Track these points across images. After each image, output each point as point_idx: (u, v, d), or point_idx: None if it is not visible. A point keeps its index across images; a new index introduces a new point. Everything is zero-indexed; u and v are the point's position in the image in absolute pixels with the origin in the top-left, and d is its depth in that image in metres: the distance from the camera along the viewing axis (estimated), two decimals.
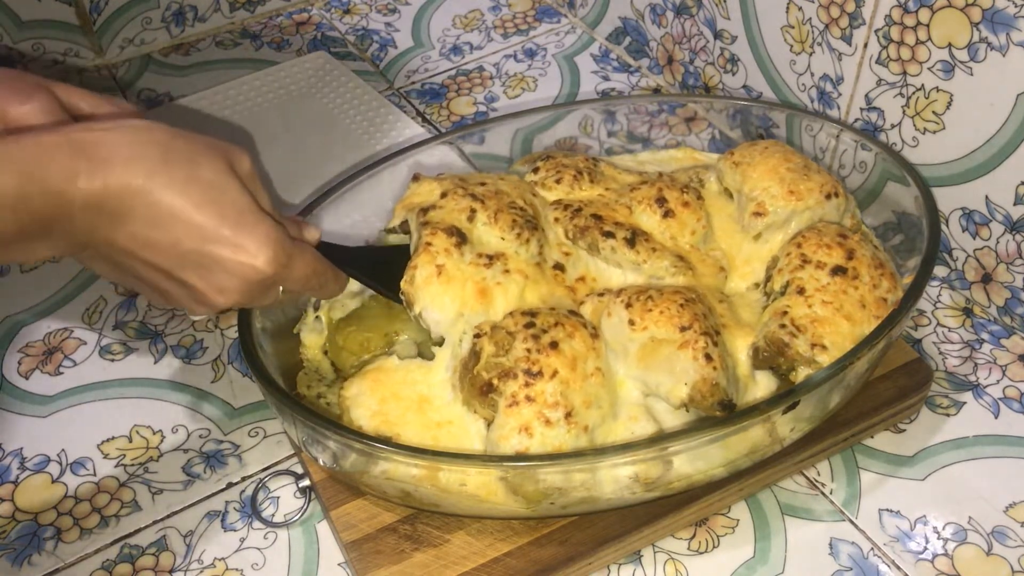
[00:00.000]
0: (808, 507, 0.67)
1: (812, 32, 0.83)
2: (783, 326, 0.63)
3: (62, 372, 0.80)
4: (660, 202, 0.71)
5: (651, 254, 0.68)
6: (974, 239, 0.77)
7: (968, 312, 0.80)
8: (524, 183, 0.74)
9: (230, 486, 0.71)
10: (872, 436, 0.71)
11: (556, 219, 0.70)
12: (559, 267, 0.68)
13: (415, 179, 0.73)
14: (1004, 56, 0.68)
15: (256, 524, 0.68)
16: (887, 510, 0.67)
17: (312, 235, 0.63)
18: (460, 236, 0.65)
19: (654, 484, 0.60)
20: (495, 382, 0.59)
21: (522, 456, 0.58)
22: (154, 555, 0.67)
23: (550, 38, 1.14)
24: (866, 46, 0.79)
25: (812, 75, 0.86)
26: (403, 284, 0.64)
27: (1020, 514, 0.66)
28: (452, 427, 0.62)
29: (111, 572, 0.66)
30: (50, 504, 0.70)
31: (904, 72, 0.76)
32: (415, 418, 0.62)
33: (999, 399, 0.74)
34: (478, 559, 0.61)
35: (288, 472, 0.71)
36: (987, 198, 0.74)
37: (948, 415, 0.73)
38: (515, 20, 1.18)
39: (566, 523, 0.63)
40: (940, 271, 0.82)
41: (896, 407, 0.70)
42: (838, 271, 0.65)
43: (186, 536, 0.68)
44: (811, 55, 0.85)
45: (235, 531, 0.68)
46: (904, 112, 0.78)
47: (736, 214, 0.74)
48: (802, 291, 0.64)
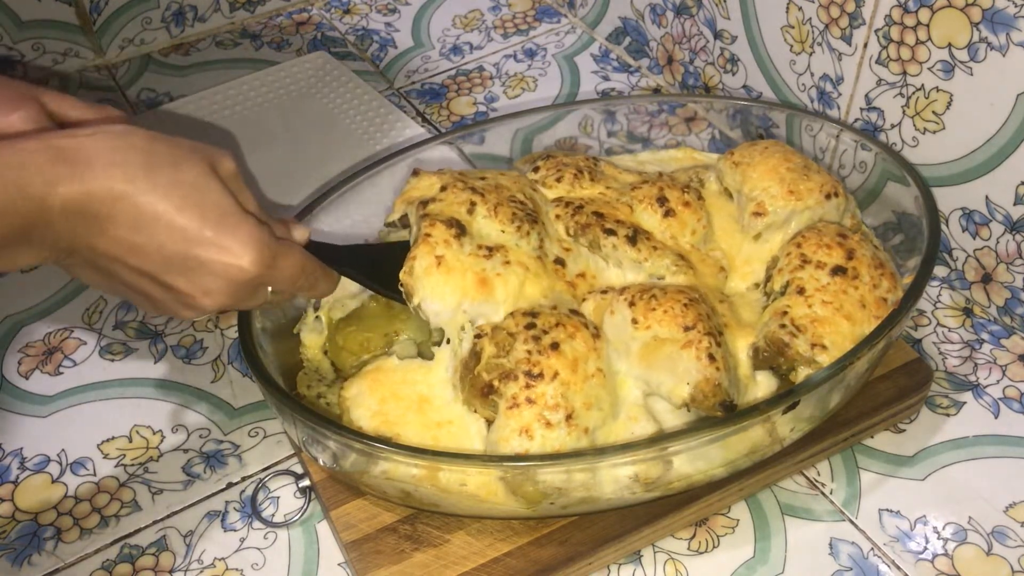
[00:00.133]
0: (808, 507, 0.67)
1: (812, 32, 0.83)
2: (783, 326, 0.63)
3: (62, 372, 0.80)
4: (661, 201, 0.71)
5: (652, 252, 0.68)
6: (974, 239, 0.77)
7: (968, 312, 0.80)
8: (524, 179, 0.73)
9: (230, 486, 0.71)
10: (872, 436, 0.71)
11: (557, 216, 0.70)
12: (559, 262, 0.68)
13: (415, 174, 0.73)
14: (1004, 56, 0.68)
15: (256, 524, 0.68)
16: (887, 510, 0.67)
17: (300, 235, 0.63)
18: (459, 227, 0.65)
19: (654, 484, 0.60)
20: (496, 383, 0.59)
21: (522, 456, 0.57)
22: (154, 555, 0.67)
23: (550, 38, 1.14)
24: (866, 46, 0.79)
25: (812, 75, 0.86)
26: (402, 275, 0.64)
27: (1020, 514, 0.66)
28: (452, 427, 0.61)
29: (111, 572, 0.66)
30: (50, 504, 0.70)
31: (904, 72, 0.76)
32: (415, 418, 0.62)
33: (999, 399, 0.74)
34: (478, 559, 0.61)
35: (288, 472, 0.71)
36: (987, 198, 0.74)
37: (948, 415, 0.73)
38: (515, 20, 1.18)
39: (566, 523, 0.63)
40: (940, 271, 0.82)
41: (896, 407, 0.70)
42: (838, 271, 0.65)
43: (186, 536, 0.68)
44: (811, 55, 0.85)
45: (235, 531, 0.68)
46: (904, 112, 0.78)
47: (736, 214, 0.74)
48: (802, 291, 0.64)
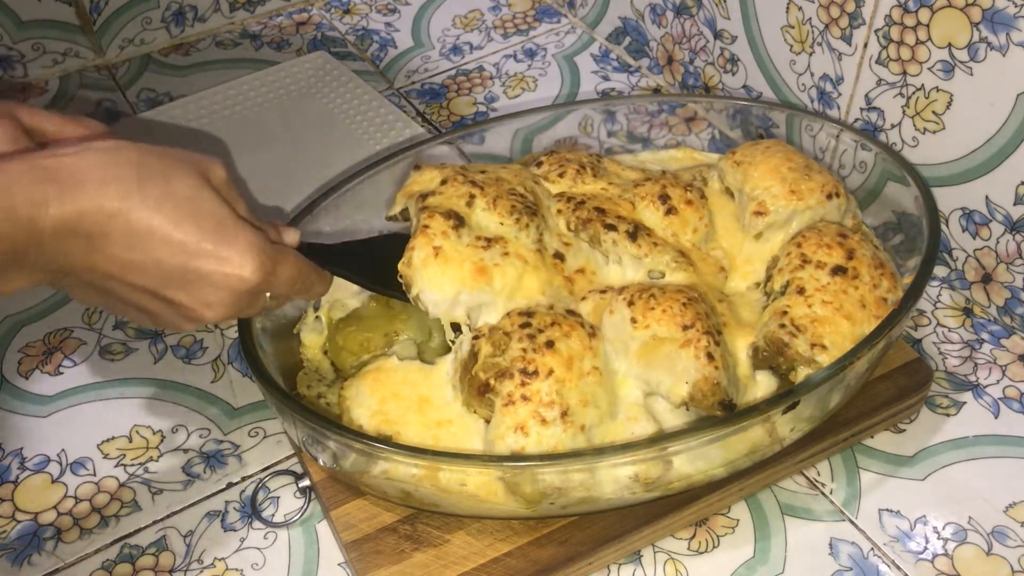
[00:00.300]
0: (808, 507, 0.67)
1: (812, 32, 0.83)
2: (783, 326, 0.63)
3: (62, 372, 0.80)
4: (663, 199, 0.71)
5: (652, 248, 0.68)
6: (974, 239, 0.77)
7: (968, 312, 0.80)
8: (526, 171, 0.73)
9: (230, 486, 0.71)
10: (872, 436, 0.71)
11: (559, 210, 0.70)
12: (559, 256, 0.68)
13: (417, 167, 0.73)
14: (1004, 56, 0.68)
15: (256, 524, 0.68)
16: (887, 510, 0.67)
17: (292, 238, 0.63)
18: (458, 219, 0.65)
19: (654, 484, 0.60)
20: (492, 382, 0.59)
21: (523, 456, 0.57)
22: (154, 555, 0.67)
23: (550, 38, 1.14)
24: (866, 46, 0.79)
25: (812, 75, 0.86)
26: (400, 266, 0.64)
27: (1020, 514, 0.66)
28: (452, 427, 0.61)
29: (111, 572, 0.66)
30: (50, 504, 0.70)
31: (904, 72, 0.76)
32: (415, 418, 0.62)
33: (999, 399, 0.74)
34: (478, 559, 0.61)
35: (288, 472, 0.71)
36: (987, 198, 0.74)
37: (948, 415, 0.73)
38: (515, 20, 1.18)
39: (566, 523, 0.63)
40: (940, 271, 0.82)
41: (896, 407, 0.70)
42: (838, 271, 0.65)
43: (186, 536, 0.68)
44: (811, 55, 0.85)
45: (235, 531, 0.68)
46: (904, 112, 0.78)
47: (738, 213, 0.74)
48: (802, 291, 0.64)
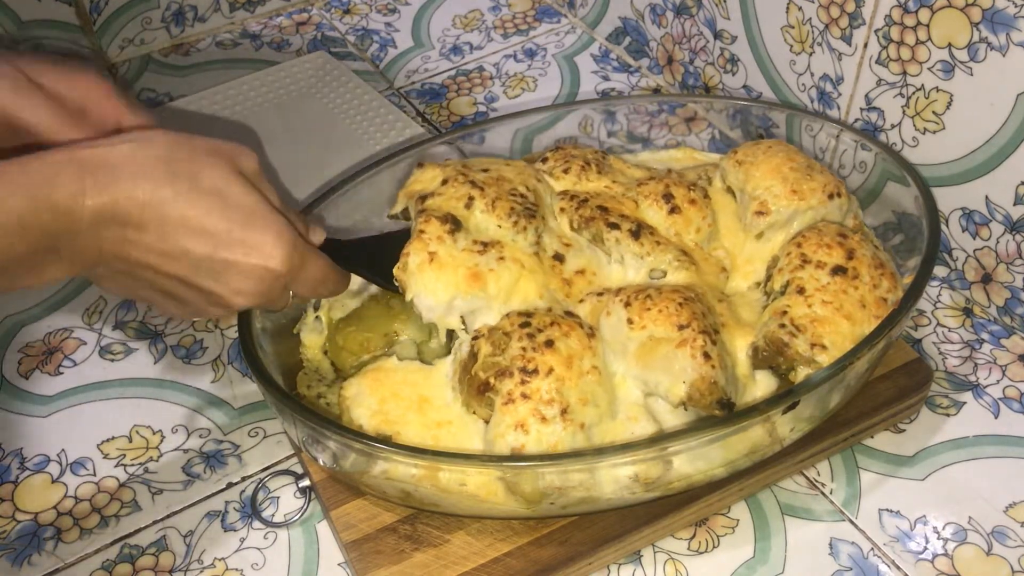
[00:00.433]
0: (808, 507, 0.67)
1: (812, 32, 0.83)
2: (783, 326, 0.63)
3: (62, 372, 0.80)
4: (667, 198, 0.70)
5: (655, 247, 0.67)
6: (974, 239, 0.77)
7: (968, 312, 0.80)
8: (530, 169, 0.73)
9: (230, 486, 0.71)
10: (872, 436, 0.71)
11: (562, 209, 0.70)
12: (559, 257, 0.68)
13: (419, 165, 0.72)
14: (1004, 56, 0.68)
15: (256, 524, 0.68)
16: (887, 510, 0.67)
17: (318, 237, 0.63)
18: (454, 223, 0.65)
19: (654, 484, 0.60)
20: (492, 381, 0.59)
21: (523, 456, 0.57)
22: (154, 555, 0.67)
23: (550, 38, 1.14)
24: (866, 46, 0.79)
25: (812, 75, 0.86)
26: (396, 271, 0.64)
27: (1020, 514, 0.66)
28: (452, 427, 0.61)
29: (111, 572, 0.66)
30: (50, 504, 0.70)
31: (904, 72, 0.76)
32: (415, 418, 0.62)
33: (999, 399, 0.74)
34: (478, 559, 0.61)
35: (288, 472, 0.71)
36: (987, 198, 0.74)
37: (948, 415, 0.73)
38: (515, 20, 1.18)
39: (566, 523, 0.63)
40: (940, 271, 0.82)
41: (896, 407, 0.70)
42: (838, 271, 0.65)
43: (186, 536, 0.68)
44: (811, 55, 0.85)
45: (235, 531, 0.68)
46: (904, 112, 0.78)
47: (739, 213, 0.74)
48: (802, 291, 0.64)
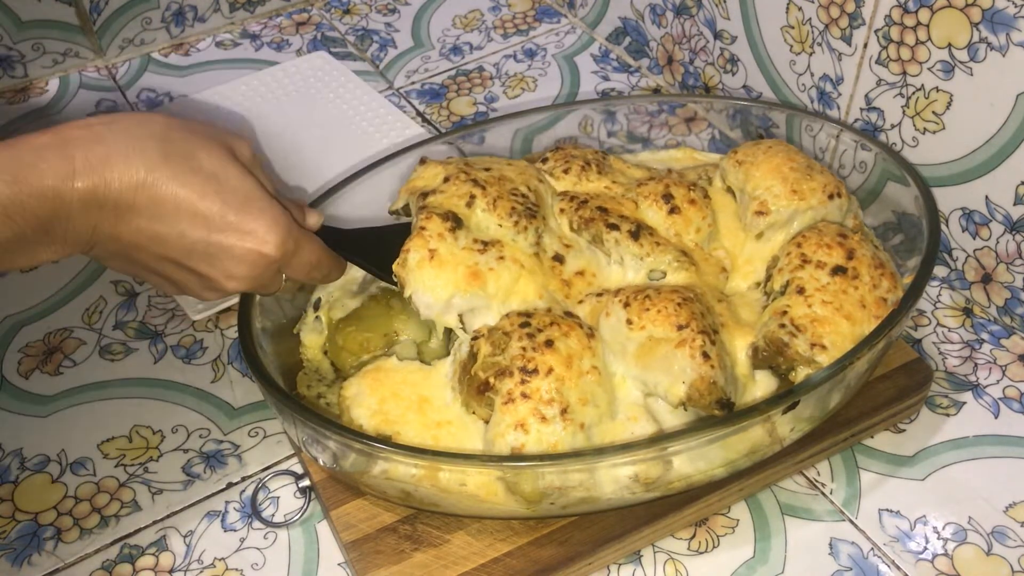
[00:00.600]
0: (808, 507, 0.67)
1: (812, 32, 0.83)
2: (783, 326, 0.63)
3: (62, 372, 0.80)
4: (666, 198, 0.70)
5: (655, 248, 0.67)
6: (974, 239, 0.77)
7: (968, 312, 0.80)
8: (532, 168, 0.73)
9: (230, 486, 0.71)
10: (872, 436, 0.71)
11: (562, 209, 0.70)
12: (559, 258, 0.68)
13: (422, 162, 0.72)
14: (1004, 56, 0.68)
15: (256, 524, 0.68)
16: (887, 510, 0.67)
17: (315, 221, 0.63)
18: (455, 221, 0.65)
19: (654, 484, 0.59)
20: (492, 380, 0.59)
21: (523, 456, 0.57)
22: (154, 555, 0.67)
23: (550, 38, 1.14)
24: (866, 46, 0.79)
25: (812, 75, 0.86)
26: (395, 267, 0.64)
27: (1020, 514, 0.66)
28: (452, 427, 0.61)
29: (111, 572, 0.66)
30: (50, 504, 0.70)
31: (904, 72, 0.76)
32: (415, 418, 0.62)
33: (999, 399, 0.74)
34: (478, 559, 0.61)
35: (288, 472, 0.71)
36: (987, 198, 0.74)
37: (948, 415, 0.73)
38: (515, 20, 1.18)
39: (566, 523, 0.63)
40: (940, 271, 0.82)
41: (896, 407, 0.70)
42: (838, 271, 0.65)
43: (186, 536, 0.68)
44: (811, 55, 0.85)
45: (235, 531, 0.68)
46: (904, 112, 0.78)
47: (739, 212, 0.74)
48: (802, 291, 0.64)
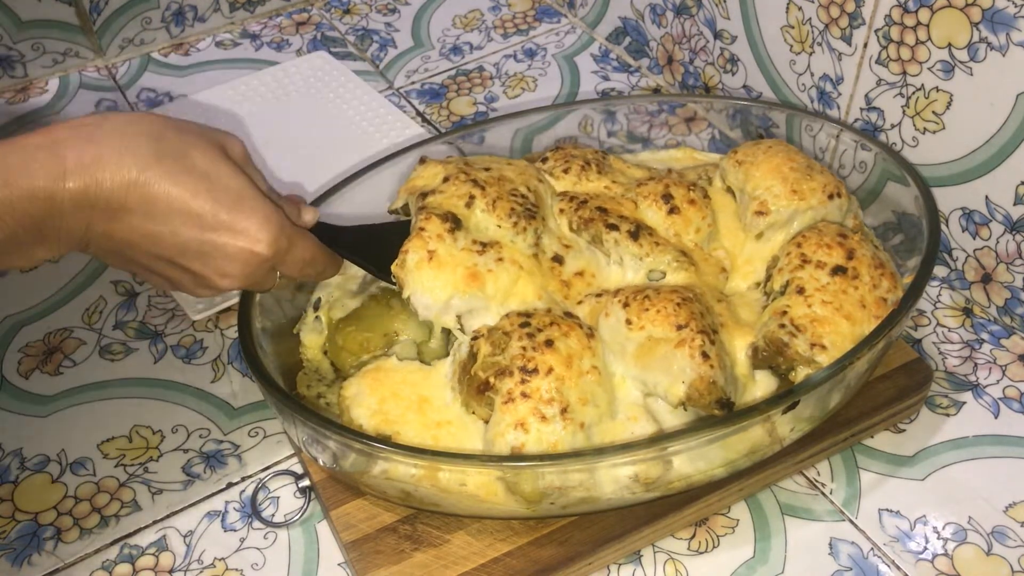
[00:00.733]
0: (808, 507, 0.67)
1: (812, 32, 0.83)
2: (783, 326, 0.63)
3: (62, 372, 0.80)
4: (666, 198, 0.70)
5: (654, 248, 0.67)
6: (974, 239, 0.77)
7: (968, 312, 0.80)
8: (531, 168, 0.73)
9: (230, 486, 0.71)
10: (872, 436, 0.71)
11: (561, 210, 0.70)
12: (558, 259, 0.68)
13: (422, 161, 0.72)
14: (1004, 56, 0.68)
15: (256, 524, 0.68)
16: (887, 510, 0.67)
17: (310, 217, 0.63)
18: (454, 222, 0.65)
19: (654, 484, 0.59)
20: (492, 380, 0.59)
21: (523, 456, 0.57)
22: (154, 555, 0.67)
23: (550, 38, 1.14)
24: (866, 46, 0.79)
25: (812, 75, 0.86)
26: (394, 267, 0.64)
27: (1020, 514, 0.66)
28: (452, 427, 0.61)
29: (111, 572, 0.66)
30: (50, 504, 0.70)
31: (904, 72, 0.76)
32: (415, 418, 0.62)
33: (999, 399, 0.74)
34: (478, 559, 0.61)
35: (288, 472, 0.71)
36: (987, 198, 0.74)
37: (948, 415, 0.73)
38: (515, 20, 1.18)
39: (566, 523, 0.63)
40: (940, 271, 0.82)
41: (896, 407, 0.70)
42: (838, 271, 0.65)
43: (186, 536, 0.68)
44: (811, 55, 0.85)
45: (235, 531, 0.68)
46: (904, 112, 0.78)
47: (739, 212, 0.73)
48: (802, 291, 0.64)
